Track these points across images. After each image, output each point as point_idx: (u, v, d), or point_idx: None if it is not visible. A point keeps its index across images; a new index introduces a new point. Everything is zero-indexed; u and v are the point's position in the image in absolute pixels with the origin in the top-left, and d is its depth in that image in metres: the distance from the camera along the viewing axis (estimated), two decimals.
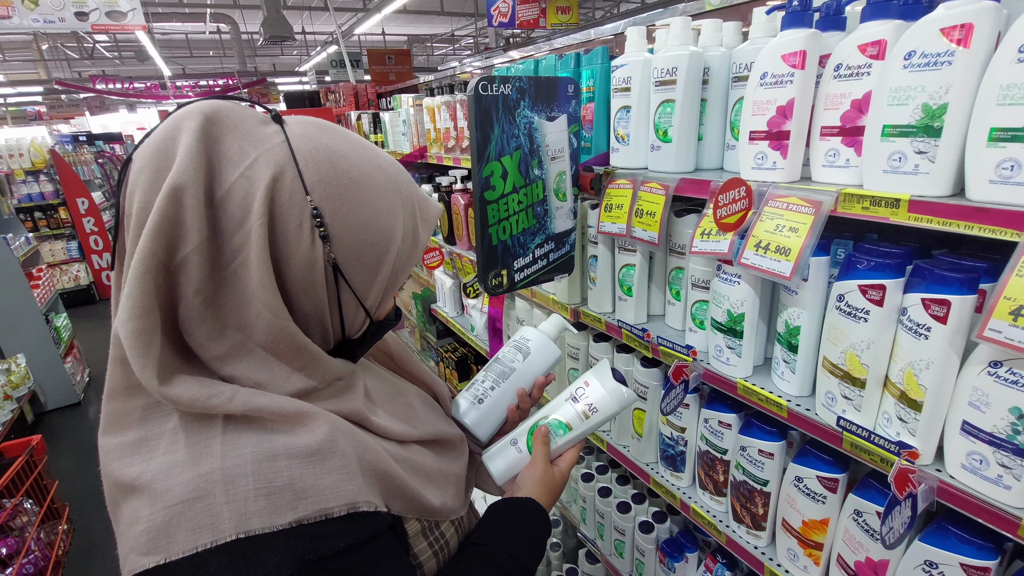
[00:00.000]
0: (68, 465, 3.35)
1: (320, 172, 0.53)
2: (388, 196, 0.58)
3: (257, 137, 0.52)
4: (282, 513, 0.47)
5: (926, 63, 0.70)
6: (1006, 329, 0.62)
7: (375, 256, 0.58)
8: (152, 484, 0.47)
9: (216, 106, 0.52)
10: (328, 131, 0.57)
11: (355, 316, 0.61)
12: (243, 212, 0.50)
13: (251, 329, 0.52)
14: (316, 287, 0.55)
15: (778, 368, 0.99)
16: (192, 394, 0.49)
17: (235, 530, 0.45)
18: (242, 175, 0.50)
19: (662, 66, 1.06)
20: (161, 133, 0.51)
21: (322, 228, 0.53)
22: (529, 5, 5.15)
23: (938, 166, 0.72)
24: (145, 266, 0.47)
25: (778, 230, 0.86)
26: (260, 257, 0.50)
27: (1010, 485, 0.68)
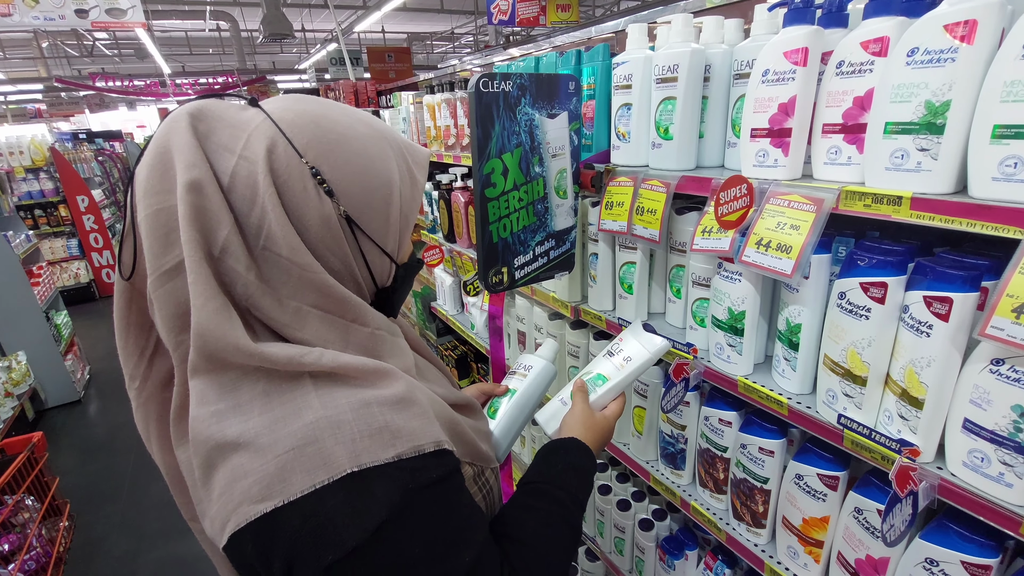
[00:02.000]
0: (68, 462, 3.35)
1: (307, 134, 0.56)
2: (376, 143, 0.61)
3: (243, 120, 0.56)
4: (385, 450, 0.51)
5: (929, 60, 0.70)
6: (1008, 327, 0.62)
7: (382, 200, 0.61)
8: (257, 439, 0.50)
9: (198, 104, 0.56)
10: (303, 100, 0.60)
11: (380, 263, 0.65)
12: (252, 190, 0.54)
13: (300, 294, 0.56)
14: (337, 241, 0.59)
15: (779, 366, 0.99)
16: (288, 353, 0.53)
17: (349, 465, 0.49)
18: (240, 157, 0.54)
19: (663, 63, 1.06)
20: (155, 144, 0.54)
21: (324, 184, 0.56)
22: (529, 3, 5.13)
23: (941, 163, 0.71)
24: (198, 255, 0.51)
25: (779, 228, 0.86)
26: (281, 224, 0.54)
27: (1012, 483, 0.68)
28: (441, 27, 13.43)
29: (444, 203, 2.12)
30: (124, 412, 3.92)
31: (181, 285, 0.52)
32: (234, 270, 0.53)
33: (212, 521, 0.51)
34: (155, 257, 0.53)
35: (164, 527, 2.75)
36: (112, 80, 11.04)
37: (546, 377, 0.99)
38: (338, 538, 0.48)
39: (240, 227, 0.53)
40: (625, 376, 0.94)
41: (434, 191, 2.25)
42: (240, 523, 0.48)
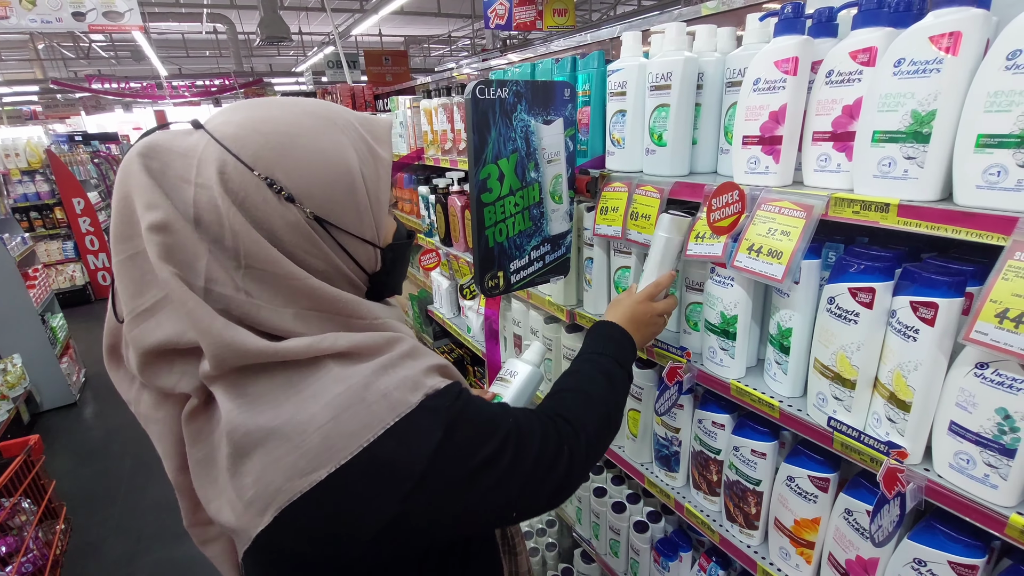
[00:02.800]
0: (64, 465, 3.34)
1: (253, 145, 0.56)
2: (325, 132, 0.60)
3: (190, 147, 0.56)
4: (414, 393, 0.56)
5: (915, 70, 0.72)
6: (992, 331, 0.64)
7: (345, 190, 0.60)
8: (292, 420, 0.52)
9: (146, 141, 0.55)
10: (244, 107, 0.60)
11: (363, 251, 0.65)
12: (216, 215, 0.54)
13: (293, 302, 0.57)
14: (313, 243, 0.59)
15: (770, 369, 1.01)
16: (305, 343, 0.55)
17: (390, 416, 0.54)
18: (196, 185, 0.54)
19: (657, 71, 1.08)
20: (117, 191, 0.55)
21: (283, 191, 0.56)
22: (526, 7, 5.16)
23: (927, 171, 0.73)
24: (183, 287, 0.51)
25: (770, 233, 0.87)
26: (254, 240, 0.54)
27: (996, 484, 0.70)
28: (438, 31, 13.47)
29: (441, 207, 2.13)
30: (120, 415, 3.92)
31: (155, 325, 0.53)
32: (224, 295, 0.53)
33: (247, 507, 0.52)
34: (130, 299, 0.54)
35: (160, 530, 2.74)
36: (108, 82, 11.02)
37: (533, 382, 1.00)
38: (407, 471, 0.53)
39: (218, 253, 0.54)
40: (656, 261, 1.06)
41: (431, 195, 2.26)
42: (293, 497, 0.50)
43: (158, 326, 0.53)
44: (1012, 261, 0.63)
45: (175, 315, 0.53)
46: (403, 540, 0.56)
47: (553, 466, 0.66)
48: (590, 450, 0.75)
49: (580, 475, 0.73)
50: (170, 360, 0.55)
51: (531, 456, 0.64)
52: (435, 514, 0.56)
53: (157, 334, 0.53)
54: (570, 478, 0.70)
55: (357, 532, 0.53)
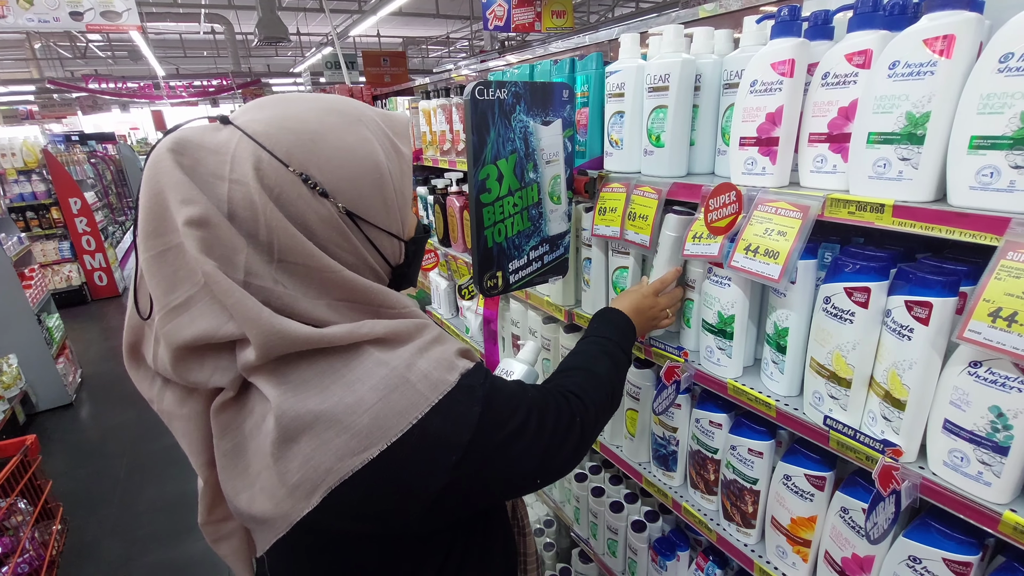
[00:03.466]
0: (60, 466, 3.33)
1: (286, 141, 0.57)
2: (352, 128, 0.61)
3: (221, 143, 0.56)
4: (451, 372, 0.60)
5: (910, 73, 0.73)
6: (985, 330, 0.64)
7: (373, 185, 0.62)
8: (340, 404, 0.54)
9: (175, 137, 0.56)
10: (269, 105, 0.61)
11: (390, 244, 0.67)
12: (252, 211, 0.55)
13: (328, 293, 0.59)
14: (345, 237, 0.61)
15: (767, 369, 1.01)
16: (346, 329, 0.57)
17: (434, 394, 0.57)
18: (231, 181, 0.55)
19: (655, 73, 1.09)
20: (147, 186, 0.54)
21: (317, 186, 0.57)
22: (524, 9, 5.17)
23: (921, 172, 0.74)
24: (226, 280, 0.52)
25: (767, 234, 0.88)
26: (289, 235, 0.56)
27: (990, 482, 0.71)
28: (437, 32, 13.48)
29: (439, 207, 2.14)
30: (116, 415, 3.91)
31: (188, 320, 0.54)
32: (264, 288, 0.55)
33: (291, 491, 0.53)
34: (163, 295, 0.54)
35: (157, 531, 2.73)
36: (105, 82, 11.00)
37: (529, 381, 1.00)
38: (456, 441, 0.57)
39: (253, 247, 0.55)
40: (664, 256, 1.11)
41: (429, 195, 2.27)
42: (344, 476, 0.53)
43: (192, 321, 0.54)
44: (1005, 261, 0.64)
45: (210, 309, 0.54)
46: (449, 509, 0.60)
47: (568, 435, 0.72)
48: (597, 423, 0.81)
49: (587, 444, 0.79)
50: (201, 355, 0.55)
51: (550, 426, 0.69)
52: (477, 481, 0.60)
53: (192, 329, 0.53)
54: (581, 446, 0.76)
55: (409, 505, 0.57)
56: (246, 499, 0.56)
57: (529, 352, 1.05)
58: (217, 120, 0.60)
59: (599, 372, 0.88)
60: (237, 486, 0.57)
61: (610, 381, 0.88)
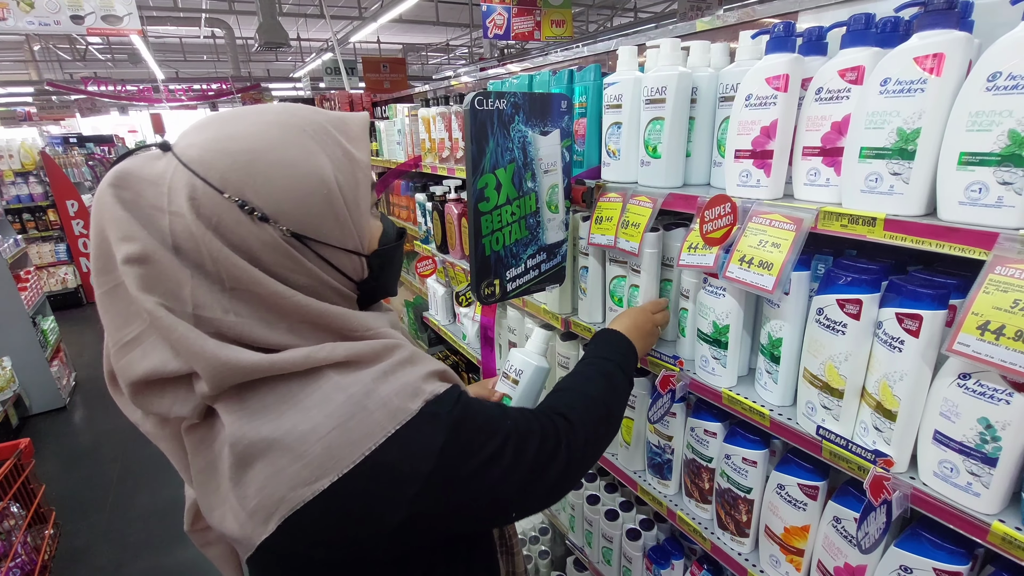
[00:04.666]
0: (53, 470, 3.31)
1: (219, 167, 0.54)
2: (294, 142, 0.57)
3: (159, 173, 0.55)
4: (414, 400, 0.57)
5: (901, 90, 0.74)
6: (973, 343, 0.66)
7: (320, 201, 0.58)
8: (293, 431, 0.53)
9: (116, 171, 0.54)
10: (208, 126, 0.58)
11: (348, 261, 0.63)
12: (193, 242, 0.53)
13: (283, 318, 0.57)
14: (294, 260, 0.58)
15: (761, 378, 1.02)
16: (302, 354, 0.55)
17: (391, 425, 0.54)
18: (170, 213, 0.53)
19: (652, 85, 1.10)
20: (93, 225, 0.55)
21: (255, 211, 0.55)
22: (524, 18, 5.22)
23: (912, 187, 0.75)
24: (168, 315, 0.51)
25: (761, 245, 0.89)
26: (234, 263, 0.54)
27: (979, 492, 0.72)
28: (436, 39, 13.55)
29: (438, 214, 2.15)
30: (109, 419, 3.88)
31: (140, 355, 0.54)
32: (214, 319, 0.54)
33: (250, 516, 0.53)
34: (116, 330, 0.55)
35: (149, 537, 2.72)
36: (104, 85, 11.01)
37: (539, 379, 0.99)
38: (412, 475, 0.54)
39: (202, 278, 0.54)
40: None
41: (428, 203, 2.28)
42: (296, 506, 0.51)
43: (144, 356, 0.54)
44: (993, 275, 0.65)
45: (159, 344, 0.53)
46: (413, 540, 0.58)
47: (550, 464, 0.68)
48: (587, 448, 0.76)
49: (577, 473, 0.74)
50: (160, 388, 0.55)
51: (530, 455, 0.65)
52: (442, 513, 0.58)
53: (144, 364, 0.54)
54: (567, 476, 0.71)
55: (368, 534, 0.55)
56: (218, 516, 0.57)
57: (537, 342, 1.00)
58: (159, 144, 0.58)
59: (594, 394, 0.84)
60: (212, 502, 0.57)
61: (606, 404, 0.84)
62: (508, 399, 0.97)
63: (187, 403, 0.55)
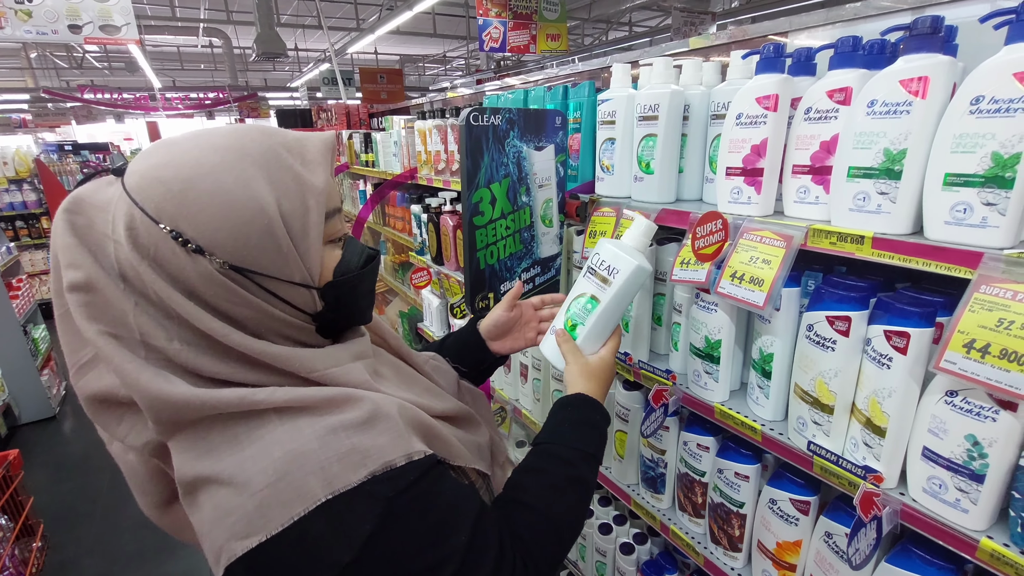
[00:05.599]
0: (42, 481, 3.26)
1: (156, 195, 0.52)
2: (233, 168, 0.53)
3: (107, 201, 0.54)
4: (356, 471, 0.52)
5: (887, 111, 0.76)
6: (960, 361, 0.67)
7: (259, 231, 0.54)
8: (233, 478, 0.51)
9: (73, 196, 0.54)
10: (154, 151, 0.55)
11: (296, 294, 0.58)
12: (135, 271, 0.52)
13: (226, 353, 0.55)
14: (234, 293, 0.54)
15: (753, 393, 1.03)
16: (237, 394, 0.53)
17: (324, 492, 0.50)
18: (115, 242, 0.53)
19: (645, 102, 1.12)
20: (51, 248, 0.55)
21: (188, 243, 0.52)
22: (520, 31, 5.27)
23: (899, 206, 0.77)
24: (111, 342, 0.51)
25: (752, 261, 0.91)
26: (171, 296, 0.53)
27: (967, 509, 0.72)
28: (433, 50, 13.66)
29: (433, 226, 2.16)
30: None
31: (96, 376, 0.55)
32: (160, 348, 0.53)
33: (207, 552, 0.53)
34: (72, 352, 0.56)
35: (139, 549, 2.68)
36: (101, 92, 11.01)
37: (636, 284, 0.83)
38: (331, 559, 0.50)
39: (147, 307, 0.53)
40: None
41: (423, 214, 2.29)
42: (231, 558, 0.50)
43: (99, 378, 0.55)
44: (978, 294, 0.66)
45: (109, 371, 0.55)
46: None
47: None
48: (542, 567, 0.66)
49: None
50: (119, 412, 0.56)
51: None
52: None
53: (98, 385, 0.55)
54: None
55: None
56: None
57: (638, 234, 0.82)
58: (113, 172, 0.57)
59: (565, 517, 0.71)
60: None
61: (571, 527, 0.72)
62: (594, 302, 0.81)
63: (140, 435, 0.56)
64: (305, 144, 0.60)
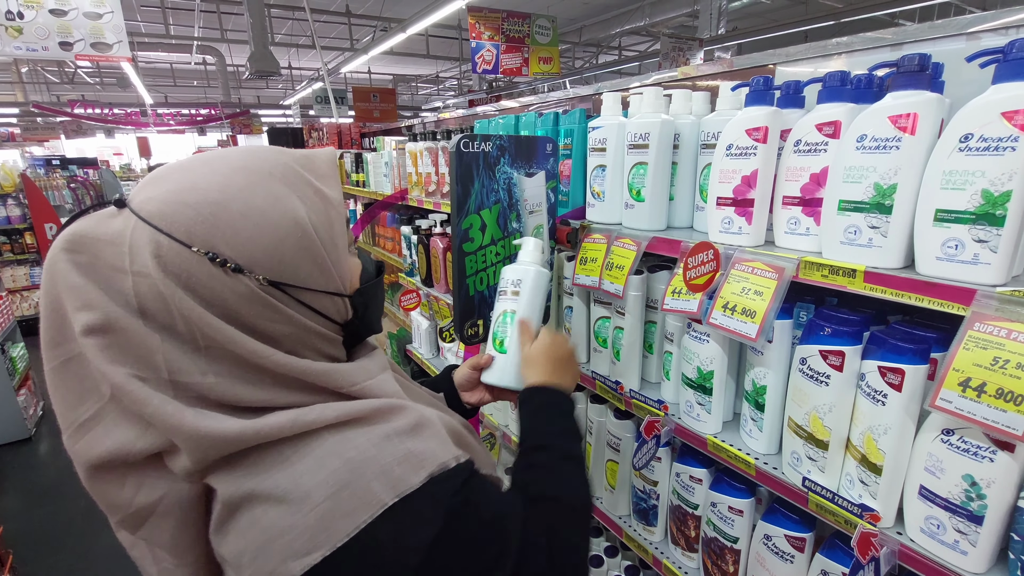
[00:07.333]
0: (13, 506, 3.15)
1: (184, 219, 0.51)
2: (261, 187, 0.54)
3: (117, 232, 0.51)
4: (416, 473, 0.53)
5: (877, 146, 0.76)
6: (956, 399, 0.65)
7: (296, 246, 0.55)
8: (287, 496, 0.49)
9: (67, 235, 0.51)
10: (165, 177, 0.54)
11: (331, 304, 0.60)
12: (162, 303, 0.49)
13: (262, 378, 0.53)
14: (273, 309, 0.54)
15: (746, 425, 1.01)
16: (287, 417, 0.52)
17: (389, 496, 0.50)
18: (133, 274, 0.49)
19: (635, 131, 1.12)
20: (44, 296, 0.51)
21: (227, 263, 0.51)
22: (512, 54, 5.35)
23: (890, 240, 0.76)
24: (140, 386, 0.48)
25: (744, 292, 0.90)
26: (207, 322, 0.50)
27: (966, 551, 0.70)
28: (427, 71, 13.81)
29: (423, 248, 2.14)
30: None
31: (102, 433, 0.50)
32: (193, 383, 0.50)
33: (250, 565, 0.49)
34: (68, 410, 0.50)
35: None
36: (91, 107, 10.98)
37: (542, 287, 0.95)
38: (398, 565, 0.50)
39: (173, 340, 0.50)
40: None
41: (413, 235, 2.27)
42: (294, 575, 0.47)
43: (106, 434, 0.50)
44: (972, 332, 0.66)
45: (123, 421, 0.49)
46: None
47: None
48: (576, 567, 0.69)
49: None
50: (122, 474, 0.51)
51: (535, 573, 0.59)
52: None
53: (105, 444, 0.49)
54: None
55: None
56: None
57: (530, 251, 0.95)
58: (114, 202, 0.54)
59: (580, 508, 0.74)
60: None
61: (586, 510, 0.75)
62: (511, 314, 0.92)
63: (155, 488, 0.51)
64: (314, 160, 0.62)
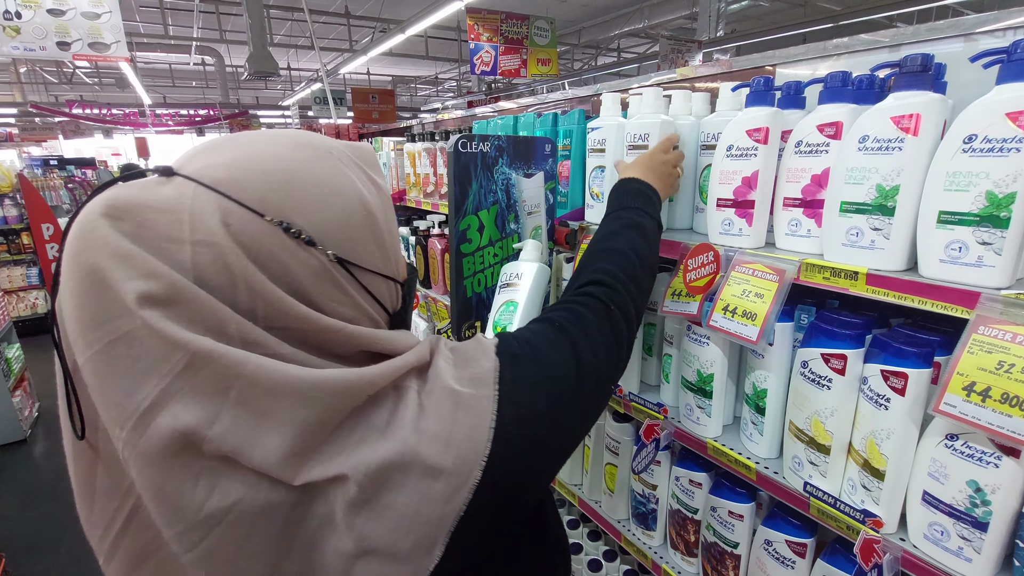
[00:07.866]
0: (7, 508, 3.13)
1: (256, 186, 0.47)
2: (327, 162, 0.53)
3: (170, 199, 0.45)
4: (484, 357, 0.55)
5: (879, 147, 0.75)
6: (960, 404, 0.64)
7: (362, 224, 0.53)
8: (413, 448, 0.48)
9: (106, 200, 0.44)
10: (227, 145, 0.51)
11: (387, 289, 0.58)
12: (227, 275, 0.45)
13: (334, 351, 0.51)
14: (340, 288, 0.52)
15: (747, 429, 1.00)
16: (379, 371, 0.49)
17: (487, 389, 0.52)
18: (194, 244, 0.44)
19: (635, 131, 1.11)
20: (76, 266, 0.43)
21: (301, 234, 0.48)
22: (511, 56, 5.34)
23: (892, 242, 0.75)
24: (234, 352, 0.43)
25: (745, 295, 0.89)
26: (277, 299, 0.46)
27: (971, 558, 0.69)
28: (426, 72, 13.81)
29: (421, 249, 2.13)
30: None
31: (171, 417, 0.41)
32: (273, 348, 0.46)
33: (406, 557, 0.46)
34: (126, 398, 0.41)
35: None
36: (90, 108, 10.95)
37: (542, 281, 0.99)
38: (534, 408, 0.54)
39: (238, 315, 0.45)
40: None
41: (411, 236, 2.26)
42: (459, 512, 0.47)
43: (183, 411, 0.42)
44: (976, 335, 0.65)
45: (195, 400, 0.42)
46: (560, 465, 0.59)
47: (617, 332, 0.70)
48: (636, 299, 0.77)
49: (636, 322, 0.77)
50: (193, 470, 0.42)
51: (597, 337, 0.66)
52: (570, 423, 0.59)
53: (181, 419, 0.42)
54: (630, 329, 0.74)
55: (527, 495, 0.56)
56: None
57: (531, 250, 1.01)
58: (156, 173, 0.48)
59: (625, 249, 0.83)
60: None
61: (637, 254, 0.83)
62: (514, 304, 0.93)
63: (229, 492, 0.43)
64: (363, 151, 0.61)
